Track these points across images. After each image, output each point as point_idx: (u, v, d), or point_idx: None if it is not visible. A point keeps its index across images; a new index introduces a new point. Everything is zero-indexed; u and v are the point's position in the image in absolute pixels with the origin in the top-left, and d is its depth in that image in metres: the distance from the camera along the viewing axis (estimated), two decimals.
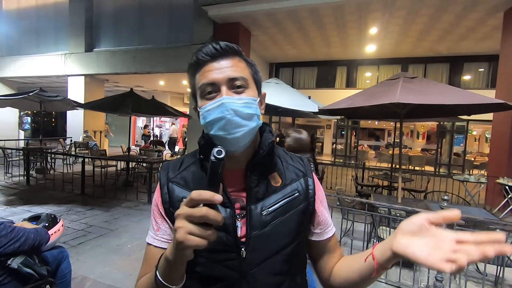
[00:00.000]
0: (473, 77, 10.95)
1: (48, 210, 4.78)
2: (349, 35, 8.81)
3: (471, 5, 6.40)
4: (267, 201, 0.68)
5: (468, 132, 11.87)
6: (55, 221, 2.19)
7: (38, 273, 1.77)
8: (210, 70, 0.65)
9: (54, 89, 12.38)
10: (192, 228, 0.47)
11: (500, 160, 6.21)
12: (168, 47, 9.09)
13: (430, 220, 0.46)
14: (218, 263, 0.65)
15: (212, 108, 0.64)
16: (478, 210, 3.98)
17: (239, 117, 0.63)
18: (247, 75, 0.68)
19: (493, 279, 3.10)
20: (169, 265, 0.54)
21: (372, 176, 6.87)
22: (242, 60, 0.69)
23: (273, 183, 0.71)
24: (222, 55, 0.66)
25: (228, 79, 0.65)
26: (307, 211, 0.73)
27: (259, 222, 0.66)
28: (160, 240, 0.71)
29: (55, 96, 7.02)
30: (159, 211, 0.72)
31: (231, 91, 0.65)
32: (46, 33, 11.51)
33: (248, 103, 0.65)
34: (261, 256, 0.66)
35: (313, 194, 0.75)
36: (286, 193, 0.71)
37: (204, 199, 0.47)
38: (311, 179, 0.76)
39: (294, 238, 0.70)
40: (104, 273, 3.00)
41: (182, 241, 0.47)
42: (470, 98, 3.26)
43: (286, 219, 0.69)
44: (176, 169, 0.74)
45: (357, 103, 3.71)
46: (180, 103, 15.85)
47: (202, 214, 0.46)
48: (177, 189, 0.71)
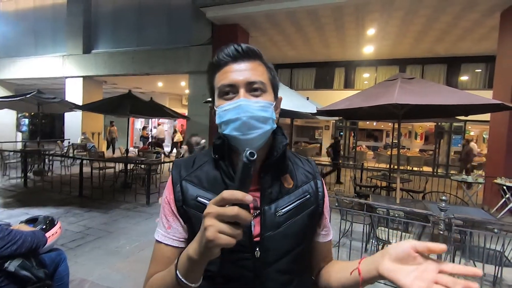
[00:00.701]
0: (470, 78, 11.01)
1: (46, 212, 4.75)
2: (347, 36, 8.84)
3: (468, 6, 6.44)
4: (281, 202, 0.70)
5: (465, 132, 11.91)
6: (53, 223, 2.18)
7: (35, 276, 1.76)
8: (230, 71, 0.67)
9: (52, 90, 12.35)
10: (222, 227, 0.47)
11: (497, 160, 6.24)
12: (167, 49, 9.09)
13: (417, 249, 0.47)
14: (232, 262, 0.66)
15: (229, 109, 0.65)
16: (476, 210, 4.00)
17: (254, 119, 0.65)
18: (265, 79, 0.69)
19: (492, 279, 3.11)
20: (192, 263, 0.54)
21: (371, 176, 6.89)
22: (262, 64, 0.70)
23: (285, 184, 0.72)
24: (243, 57, 0.68)
25: (247, 82, 0.66)
26: (317, 213, 0.75)
27: (273, 223, 0.68)
28: (172, 238, 0.71)
29: (53, 98, 7.00)
30: (170, 209, 0.72)
31: (249, 93, 0.66)
32: (44, 35, 11.50)
33: (264, 106, 0.66)
34: (274, 256, 0.67)
35: (322, 196, 0.77)
36: (298, 195, 0.73)
37: (236, 199, 0.47)
38: (320, 181, 0.78)
39: (304, 238, 0.72)
40: (103, 275, 2.98)
41: (213, 239, 0.47)
42: (467, 98, 3.27)
43: (298, 220, 0.70)
44: (189, 167, 0.75)
45: (355, 104, 3.72)
46: (179, 104, 15.84)
47: (234, 214, 0.47)
48: (190, 188, 0.71)
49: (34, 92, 6.56)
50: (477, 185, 6.24)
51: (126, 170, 6.86)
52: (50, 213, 4.67)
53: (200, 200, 0.69)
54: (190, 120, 8.60)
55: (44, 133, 13.18)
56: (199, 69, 8.46)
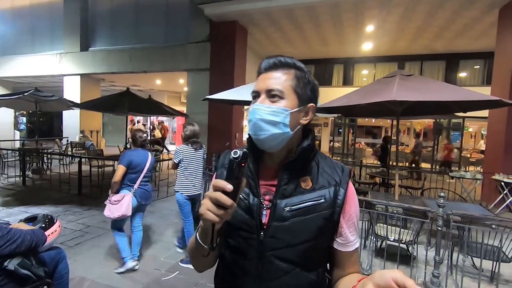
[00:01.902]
0: (469, 74, 11.02)
1: (45, 211, 4.75)
2: (346, 33, 8.81)
3: (467, 2, 6.42)
4: (292, 200, 0.77)
5: (464, 129, 11.94)
6: (52, 222, 2.18)
7: (35, 274, 1.76)
8: (260, 79, 0.79)
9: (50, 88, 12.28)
10: (209, 206, 0.61)
11: (495, 156, 6.26)
12: (165, 46, 9.04)
13: (397, 281, 0.48)
14: (243, 239, 0.78)
15: (249, 111, 0.77)
16: (474, 206, 4.02)
17: (263, 122, 0.74)
18: (285, 87, 0.76)
19: (489, 274, 3.14)
20: (201, 229, 0.70)
21: (370, 173, 6.90)
22: (287, 73, 0.78)
23: (303, 185, 0.78)
24: (275, 68, 0.78)
25: (266, 89, 0.76)
26: (331, 219, 0.77)
27: (280, 216, 0.76)
28: None
29: (50, 96, 6.96)
30: None
31: (268, 99, 0.76)
32: (41, 33, 11.41)
33: (275, 111, 0.74)
34: (276, 244, 0.76)
35: (340, 204, 0.78)
36: (312, 197, 0.77)
37: (219, 187, 0.60)
38: (343, 190, 0.79)
39: (310, 238, 0.76)
40: (102, 273, 2.99)
41: (202, 214, 0.62)
42: (465, 95, 3.28)
43: (306, 220, 0.76)
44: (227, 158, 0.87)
45: (354, 101, 3.71)
46: (177, 102, 15.79)
47: (215, 197, 0.60)
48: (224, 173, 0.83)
49: (32, 90, 6.52)
50: (475, 181, 6.26)
51: None
52: (49, 212, 4.67)
53: None
54: (188, 118, 8.58)
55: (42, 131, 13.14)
56: (197, 67, 8.42)
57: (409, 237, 3.20)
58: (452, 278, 3.05)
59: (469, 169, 9.30)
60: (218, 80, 7.93)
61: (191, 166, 3.32)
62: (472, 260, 3.19)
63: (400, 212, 3.26)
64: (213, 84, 8.01)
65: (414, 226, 3.23)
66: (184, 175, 3.30)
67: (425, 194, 5.11)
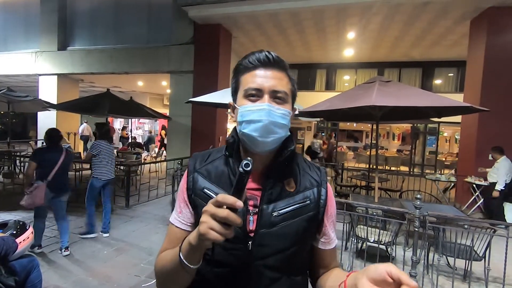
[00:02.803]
0: (443, 82, 11.56)
1: (17, 216, 4.50)
2: (328, 39, 9.03)
3: (442, 13, 6.76)
4: (279, 204, 0.74)
5: (439, 133, 12.49)
6: (24, 228, 2.08)
7: (5, 284, 1.67)
8: (258, 76, 0.73)
9: (24, 88, 11.74)
10: (214, 225, 0.54)
11: (468, 160, 6.57)
12: (147, 47, 8.88)
13: (392, 275, 0.49)
14: (226, 250, 0.72)
15: (253, 110, 0.71)
16: (449, 207, 4.20)
17: (274, 125, 0.71)
18: (288, 90, 0.75)
19: (462, 272, 3.28)
20: (191, 248, 0.62)
21: (351, 176, 7.06)
22: (286, 75, 0.76)
23: (287, 188, 0.76)
24: (272, 65, 0.74)
25: (272, 89, 0.72)
26: (315, 219, 0.78)
27: (268, 222, 0.72)
28: (181, 222, 0.79)
29: (24, 96, 6.64)
30: (183, 196, 0.80)
31: (272, 100, 0.72)
32: (15, 30, 10.89)
33: (284, 114, 0.73)
34: (264, 252, 0.72)
35: (324, 204, 0.79)
36: (298, 199, 0.76)
37: (227, 203, 0.54)
38: (325, 190, 0.80)
39: (298, 241, 0.75)
40: (78, 281, 2.87)
41: (204, 234, 0.55)
42: (440, 101, 3.44)
43: (294, 223, 0.74)
44: (203, 160, 0.83)
45: (335, 105, 3.80)
46: (160, 104, 15.53)
47: (224, 216, 0.54)
48: (200, 179, 0.79)
49: (4, 90, 6.21)
50: (450, 183, 6.55)
51: None
52: (21, 218, 4.42)
53: (206, 192, 0.76)
54: (171, 120, 8.45)
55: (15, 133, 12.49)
56: (180, 69, 8.32)
57: (388, 238, 3.30)
58: (428, 277, 3.16)
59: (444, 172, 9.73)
60: (201, 83, 7.88)
61: (107, 157, 4.04)
62: (447, 259, 3.33)
63: (380, 214, 3.35)
64: (197, 86, 7.94)
65: (392, 227, 3.33)
66: (102, 164, 3.99)
67: (403, 196, 5.29)
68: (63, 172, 3.50)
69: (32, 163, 3.34)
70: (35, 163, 3.33)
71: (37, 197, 3.24)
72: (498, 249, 2.81)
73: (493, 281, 3.17)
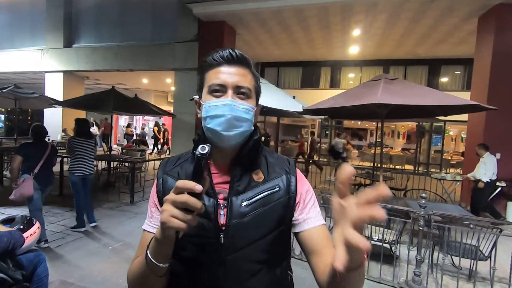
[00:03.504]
0: (450, 80, 11.42)
1: (24, 212, 4.56)
2: (333, 36, 8.96)
3: (448, 10, 6.66)
4: (247, 194, 0.74)
5: (445, 132, 12.36)
6: (31, 223, 2.11)
7: (12, 277, 1.70)
8: (222, 72, 0.74)
9: (31, 85, 11.84)
10: (175, 212, 0.53)
11: (475, 158, 6.47)
12: (152, 45, 8.90)
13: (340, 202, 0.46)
14: (199, 247, 0.72)
15: (217, 105, 0.72)
16: (454, 207, 4.17)
17: (237, 119, 0.72)
18: (251, 86, 0.77)
19: (467, 272, 3.26)
20: (157, 243, 0.60)
21: (355, 175, 7.02)
22: (250, 72, 0.77)
23: (255, 178, 0.77)
24: (235, 62, 0.75)
25: (236, 85, 0.73)
26: (289, 204, 0.77)
27: (238, 213, 0.72)
28: (153, 226, 0.78)
29: (31, 93, 6.71)
30: (153, 200, 0.80)
31: (236, 95, 0.73)
32: (21, 27, 10.98)
33: (247, 109, 0.74)
34: (238, 244, 0.71)
35: (294, 190, 0.78)
36: (267, 187, 0.76)
37: (186, 188, 0.53)
38: (294, 177, 0.80)
39: (272, 229, 0.74)
40: (84, 276, 2.91)
41: (165, 222, 0.53)
42: (446, 99, 3.40)
43: (265, 211, 0.74)
44: (173, 163, 0.84)
45: (340, 103, 3.78)
46: (164, 101, 15.58)
47: (183, 200, 0.53)
48: (170, 180, 0.79)
49: (11, 86, 6.27)
50: (455, 182, 6.49)
51: (109, 168, 6.69)
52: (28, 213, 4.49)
53: None
54: (176, 118, 8.48)
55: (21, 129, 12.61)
56: (185, 66, 8.34)
57: (392, 237, 3.28)
58: (433, 277, 3.15)
59: (449, 171, 9.64)
60: None
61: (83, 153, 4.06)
62: (452, 258, 3.31)
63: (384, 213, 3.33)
64: None
65: (397, 226, 3.32)
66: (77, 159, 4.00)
67: (408, 195, 5.25)
68: (48, 166, 3.64)
69: (18, 157, 3.42)
70: (20, 157, 3.41)
71: (25, 188, 3.32)
72: (504, 249, 2.78)
73: (498, 281, 3.15)
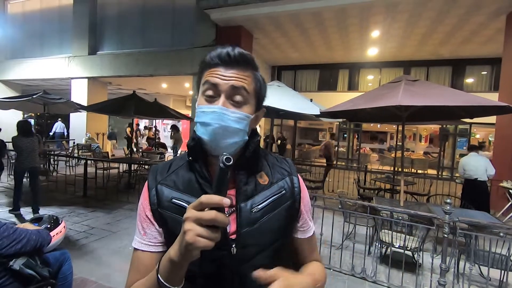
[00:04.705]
0: (476, 80, 10.92)
1: (51, 211, 4.79)
2: (351, 38, 8.82)
3: (474, 8, 6.40)
4: (256, 199, 0.70)
5: (471, 135, 11.80)
6: (57, 222, 2.20)
7: (39, 274, 1.77)
8: (217, 74, 0.66)
9: (58, 91, 12.47)
10: (201, 231, 0.49)
11: (503, 163, 6.16)
12: (171, 50, 9.14)
13: None
14: (210, 260, 0.65)
15: (206, 112, 0.66)
16: (482, 213, 3.95)
17: (225, 129, 0.65)
18: (250, 90, 0.68)
19: (497, 283, 3.07)
20: (174, 266, 0.55)
21: (375, 179, 6.85)
22: (251, 74, 0.69)
23: (261, 181, 0.73)
24: (233, 63, 0.67)
25: (230, 90, 0.66)
26: (294, 208, 0.76)
27: (249, 219, 0.68)
28: (148, 244, 0.71)
29: (58, 99, 7.06)
30: (145, 215, 0.72)
31: (229, 101, 0.66)
32: (50, 36, 11.63)
33: (239, 118, 0.67)
34: (250, 252, 0.68)
35: (298, 192, 0.77)
36: (274, 191, 0.73)
37: (213, 203, 0.49)
38: (296, 178, 0.79)
39: (281, 234, 0.73)
40: (106, 275, 3.00)
41: (192, 242, 0.49)
42: (471, 100, 3.25)
43: (274, 216, 0.71)
44: (165, 172, 0.75)
45: (358, 105, 3.71)
46: (183, 105, 15.90)
47: (211, 218, 0.49)
48: (166, 190, 0.71)
49: (40, 92, 6.63)
50: None
51: (130, 171, 6.90)
52: (55, 213, 4.70)
53: (175, 202, 0.69)
54: (193, 121, 8.62)
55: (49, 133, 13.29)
56: None
57: (414, 244, 3.16)
58: (459, 287, 2.99)
59: None
60: None
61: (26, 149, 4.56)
62: (480, 268, 3.13)
63: (406, 219, 3.22)
64: None
65: (419, 232, 3.19)
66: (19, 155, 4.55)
67: (431, 201, 5.04)
68: None
69: None
70: None
71: None
72: None
73: None
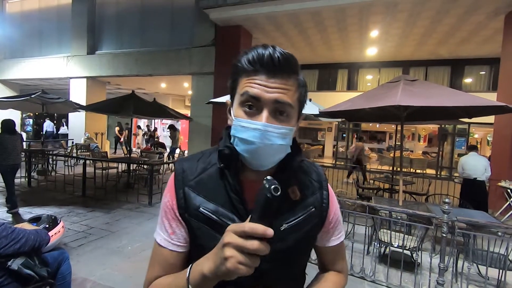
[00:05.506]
0: (474, 80, 10.94)
1: (49, 211, 4.78)
2: (350, 38, 8.83)
3: (472, 8, 6.40)
4: (286, 216, 0.68)
5: (469, 135, 11.84)
6: (56, 222, 2.20)
7: (38, 274, 1.77)
8: (259, 83, 0.60)
9: (56, 91, 12.45)
10: (243, 259, 0.48)
11: (502, 163, 6.18)
12: (170, 50, 9.13)
13: None
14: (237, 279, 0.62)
15: (247, 127, 0.61)
16: (480, 213, 3.97)
17: (269, 147, 0.61)
18: (294, 102, 0.63)
19: (495, 283, 3.08)
20: (206, 280, 0.55)
21: (373, 179, 6.86)
22: (295, 82, 0.64)
23: (292, 197, 0.69)
24: (277, 70, 0.60)
25: (274, 103, 0.60)
26: (320, 224, 0.76)
27: (277, 237, 0.64)
28: (176, 244, 0.70)
29: (57, 98, 7.05)
30: (174, 214, 0.70)
31: (273, 116, 0.61)
32: (48, 36, 11.60)
33: (284, 133, 0.62)
34: (277, 271, 0.68)
35: (326, 208, 0.76)
36: (304, 209, 0.71)
37: (257, 234, 0.48)
38: (326, 192, 0.77)
39: (306, 250, 0.74)
40: (105, 275, 2.99)
41: (234, 270, 0.49)
42: (470, 100, 3.26)
43: (302, 234, 0.70)
44: (193, 172, 0.71)
45: (357, 105, 3.71)
46: (181, 105, 15.90)
47: (254, 248, 0.48)
48: (193, 195, 0.68)
49: (39, 92, 6.61)
50: None
51: (129, 171, 6.89)
52: (53, 213, 4.70)
53: (202, 211, 0.67)
54: (192, 121, 8.62)
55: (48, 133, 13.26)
56: (202, 71, 8.48)
57: (413, 244, 3.17)
58: (457, 286, 3.00)
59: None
60: (222, 84, 7.97)
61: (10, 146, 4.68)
62: (478, 268, 3.14)
63: (404, 218, 3.22)
64: (217, 87, 8.05)
65: (418, 232, 3.20)
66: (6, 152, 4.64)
67: (430, 200, 5.05)
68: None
69: None
70: None
71: None
72: None
73: None
